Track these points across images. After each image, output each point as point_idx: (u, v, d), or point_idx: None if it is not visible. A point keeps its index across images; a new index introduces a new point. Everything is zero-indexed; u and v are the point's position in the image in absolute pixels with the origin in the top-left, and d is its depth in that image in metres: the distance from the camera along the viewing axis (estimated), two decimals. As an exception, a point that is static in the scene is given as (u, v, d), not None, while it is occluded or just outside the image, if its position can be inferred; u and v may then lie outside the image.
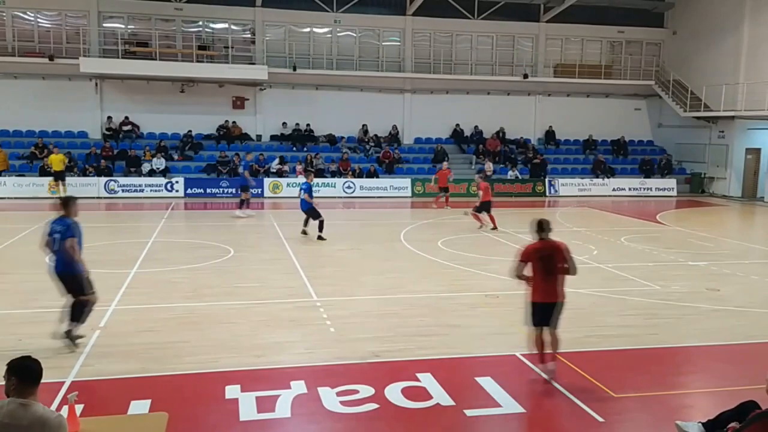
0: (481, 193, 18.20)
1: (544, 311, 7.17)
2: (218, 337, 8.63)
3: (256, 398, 6.59)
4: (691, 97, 29.25)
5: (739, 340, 8.94)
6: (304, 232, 16.68)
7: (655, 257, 14.67)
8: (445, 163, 25.17)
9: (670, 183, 29.70)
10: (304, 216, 16.71)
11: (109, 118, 27.52)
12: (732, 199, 28.22)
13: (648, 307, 10.53)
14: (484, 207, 18.17)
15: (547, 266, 7.15)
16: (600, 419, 6.29)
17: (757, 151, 28.20)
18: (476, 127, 30.90)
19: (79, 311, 8.04)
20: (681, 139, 31.44)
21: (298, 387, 6.89)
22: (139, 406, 6.34)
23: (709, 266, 13.98)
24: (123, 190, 25.00)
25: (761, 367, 5.01)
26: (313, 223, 16.38)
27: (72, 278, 7.99)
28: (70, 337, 8.00)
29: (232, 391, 6.77)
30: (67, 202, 8.15)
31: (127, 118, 27.69)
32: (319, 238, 16.02)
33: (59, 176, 23.48)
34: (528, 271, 7.28)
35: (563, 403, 6.70)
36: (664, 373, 7.71)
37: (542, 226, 7.44)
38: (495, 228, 17.95)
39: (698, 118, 29.47)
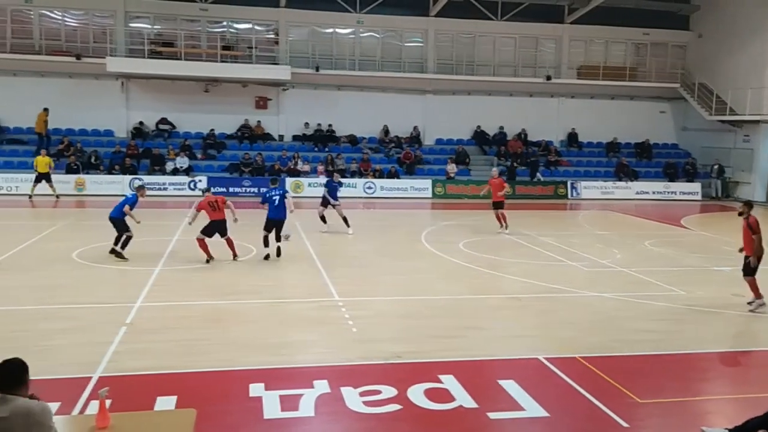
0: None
1: None
2: (242, 335, 8.71)
3: (279, 397, 6.65)
4: (717, 101, 28.88)
5: (764, 346, 8.82)
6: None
7: (679, 262, 14.52)
8: (495, 169, 20.40)
9: (695, 187, 29.33)
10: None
11: (141, 123, 27.90)
12: (757, 204, 27.74)
13: (672, 312, 10.43)
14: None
15: None
16: (624, 424, 6.25)
17: (784, 155, 27.77)
18: (501, 128, 30.75)
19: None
20: (706, 143, 31.03)
21: (321, 386, 6.93)
22: (165, 402, 6.42)
23: (734, 271, 13.74)
24: (147, 188, 25.19)
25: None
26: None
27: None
28: (119, 254, 12.89)
29: (256, 389, 6.83)
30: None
31: (165, 118, 28.08)
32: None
33: (45, 178, 22.75)
34: None
35: (587, 407, 6.66)
36: (688, 379, 7.64)
37: None
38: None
39: (723, 121, 29.07)
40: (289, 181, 26.38)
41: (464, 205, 23.44)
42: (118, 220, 13.17)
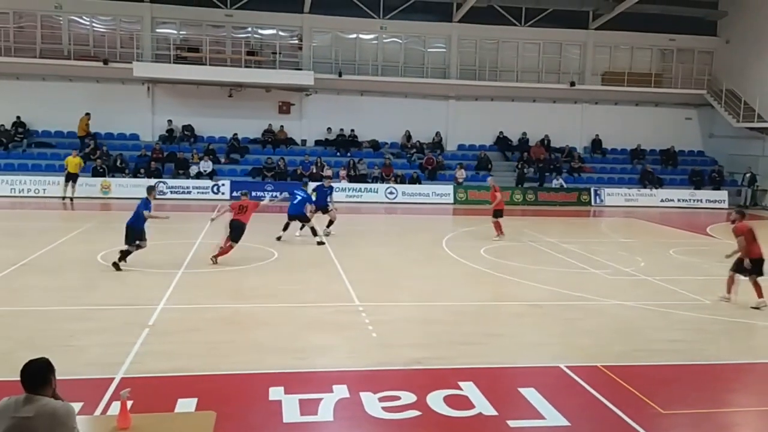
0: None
1: None
2: (262, 339, 8.75)
3: (299, 401, 6.66)
4: (744, 107, 28.43)
5: (793, 359, 8.64)
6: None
7: (704, 271, 14.30)
8: (489, 179, 20.69)
9: (722, 195, 28.89)
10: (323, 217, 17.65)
11: (169, 121, 28.29)
12: (786, 213, 27.29)
13: (697, 322, 10.27)
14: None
15: None
16: (646, 435, 6.16)
17: (814, 163, 27.27)
18: (524, 134, 30.60)
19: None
20: (733, 150, 30.56)
21: (341, 391, 6.93)
22: (186, 404, 6.47)
23: (763, 281, 13.51)
24: (171, 192, 25.53)
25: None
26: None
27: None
28: (116, 263, 12.32)
29: (275, 392, 6.85)
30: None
31: (189, 125, 28.49)
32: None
33: (73, 179, 23.37)
34: None
35: (609, 417, 6.58)
36: (714, 390, 7.51)
37: None
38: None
39: (751, 128, 28.62)
40: (312, 186, 26.44)
41: (486, 211, 23.27)
42: (136, 228, 12.58)
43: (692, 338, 9.44)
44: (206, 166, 26.65)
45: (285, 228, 16.68)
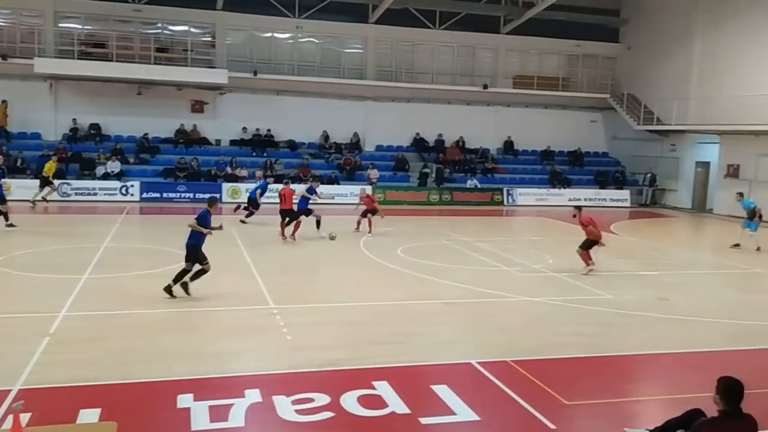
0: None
1: None
2: (171, 345, 8.49)
3: (209, 407, 6.49)
4: (644, 111, 30.03)
5: (687, 349, 9.18)
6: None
7: (608, 267, 14.96)
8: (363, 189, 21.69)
9: (624, 194, 30.41)
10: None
11: (74, 119, 27.00)
12: (683, 211, 29.04)
13: (601, 316, 10.75)
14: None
15: None
16: (552, 426, 6.38)
17: (707, 164, 29.10)
18: (440, 135, 31.15)
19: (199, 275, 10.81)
20: (635, 152, 32.23)
21: (253, 396, 6.81)
22: (89, 415, 6.19)
23: (660, 276, 14.35)
24: (76, 194, 24.39)
25: (709, 375, 5.15)
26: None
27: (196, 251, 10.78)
28: (179, 288, 10.67)
29: (184, 400, 6.66)
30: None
31: (96, 124, 27.28)
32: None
33: (48, 182, 22.78)
34: None
35: (517, 410, 6.78)
36: (615, 381, 7.88)
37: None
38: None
39: (651, 131, 30.26)
40: (226, 187, 25.98)
41: (404, 211, 23.59)
42: (196, 247, 10.85)
43: (596, 332, 9.88)
44: (114, 166, 25.61)
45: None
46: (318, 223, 17.82)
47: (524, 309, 11.09)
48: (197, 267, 10.80)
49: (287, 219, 17.51)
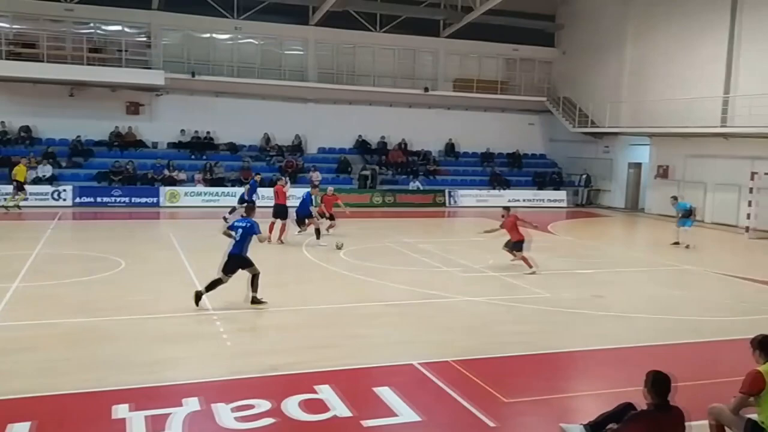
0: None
1: None
2: (107, 354, 8.23)
3: (145, 417, 6.33)
4: (579, 114, 30.93)
5: (621, 344, 9.48)
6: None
7: (546, 266, 15.31)
8: (330, 187, 21.25)
9: (561, 195, 31.21)
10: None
11: (2, 122, 26.01)
12: (616, 210, 30.02)
13: (539, 314, 11.00)
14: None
15: None
16: (491, 424, 6.49)
17: (639, 165, 30.18)
18: (383, 137, 31.27)
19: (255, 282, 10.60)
20: (571, 153, 33.13)
21: (192, 404, 6.67)
22: (19, 429, 5.97)
23: (595, 274, 14.80)
24: (4, 199, 23.39)
25: (642, 369, 5.33)
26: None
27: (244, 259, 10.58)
28: (257, 301, 10.53)
29: (120, 410, 6.47)
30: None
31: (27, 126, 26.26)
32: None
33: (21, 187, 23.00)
34: None
35: (458, 409, 6.86)
36: (553, 378, 8.07)
37: None
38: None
39: (586, 133, 31.17)
40: (164, 190, 25.39)
41: (347, 214, 23.51)
42: (240, 257, 10.59)
43: (535, 330, 10.10)
44: (45, 170, 24.66)
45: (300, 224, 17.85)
46: (318, 232, 17.45)
47: (465, 309, 11.24)
48: (249, 274, 10.63)
49: (278, 219, 17.48)
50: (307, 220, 17.81)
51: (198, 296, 10.36)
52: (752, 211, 21.86)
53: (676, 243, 19.06)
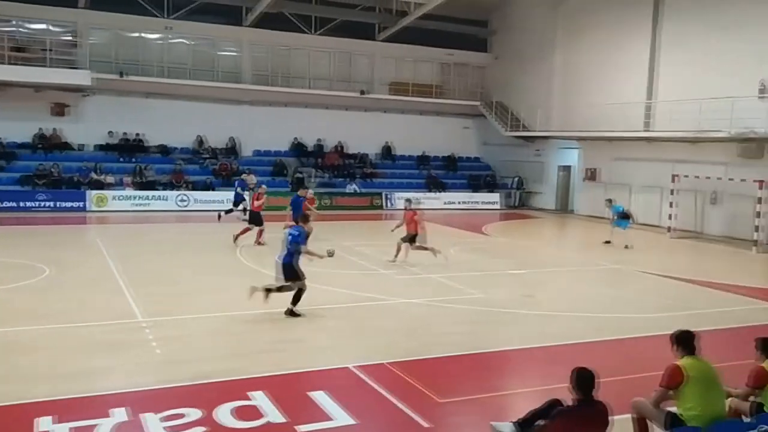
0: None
1: None
2: (29, 365, 7.89)
3: (70, 429, 6.10)
4: (512, 118, 31.64)
5: (550, 342, 9.73)
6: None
7: (480, 266, 15.62)
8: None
9: (495, 197, 31.84)
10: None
11: None
12: (548, 212, 30.85)
13: (473, 314, 11.18)
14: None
15: None
16: (425, 425, 6.55)
17: (569, 168, 31.10)
18: (320, 140, 31.14)
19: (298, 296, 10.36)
20: (504, 157, 33.85)
21: (119, 415, 6.46)
22: (-71, 450, 5.63)
23: (528, 274, 15.16)
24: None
25: (569, 366, 5.49)
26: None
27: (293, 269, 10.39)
28: (294, 313, 10.33)
29: (43, 422, 6.21)
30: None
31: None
32: None
33: None
34: None
35: (392, 411, 6.89)
36: (486, 377, 8.21)
37: None
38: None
39: (518, 137, 31.90)
40: (91, 194, 24.52)
41: (282, 217, 23.23)
42: (289, 267, 10.40)
43: (469, 330, 10.25)
44: (-37, 173, 23.46)
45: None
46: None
47: (402, 311, 11.31)
48: (296, 286, 10.40)
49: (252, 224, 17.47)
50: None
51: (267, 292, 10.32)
52: (673, 212, 22.88)
53: (608, 242, 19.79)
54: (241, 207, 22.02)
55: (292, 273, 10.40)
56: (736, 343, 9.33)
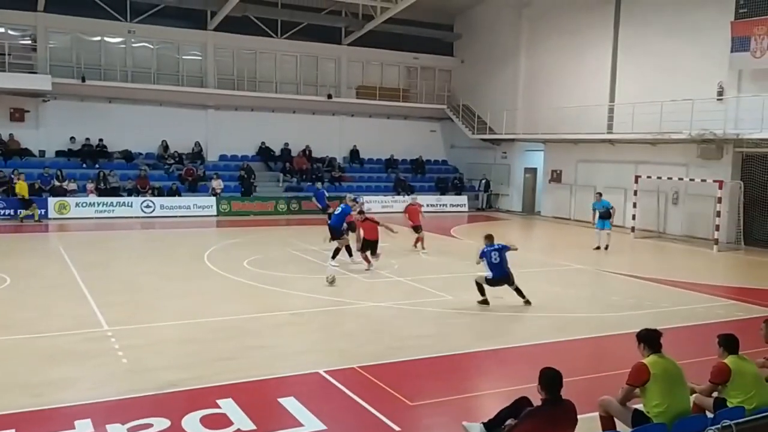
0: None
1: None
2: (-12, 378, 7.67)
3: (33, 443, 5.96)
4: (478, 121, 31.91)
5: (518, 343, 9.84)
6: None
7: (449, 269, 15.69)
8: (415, 195, 21.19)
9: (462, 199, 32.05)
10: None
11: None
12: (514, 214, 31.15)
13: (442, 317, 11.22)
14: None
15: None
16: (396, 428, 6.55)
17: (534, 170, 31.47)
18: (287, 144, 30.99)
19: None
20: (471, 159, 34.11)
21: (84, 426, 6.33)
22: None
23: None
24: None
25: (537, 365, 5.55)
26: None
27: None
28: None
29: (3, 438, 6.06)
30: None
31: None
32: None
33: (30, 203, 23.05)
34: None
35: (363, 415, 6.88)
36: (455, 378, 8.25)
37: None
38: None
39: (484, 140, 32.18)
40: (53, 201, 23.99)
41: (250, 222, 23.13)
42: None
43: (438, 332, 10.29)
44: None
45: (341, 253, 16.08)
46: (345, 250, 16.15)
47: (370, 314, 11.31)
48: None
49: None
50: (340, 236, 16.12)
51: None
52: (636, 213, 23.32)
53: (597, 248, 19.53)
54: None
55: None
56: (699, 340, 9.56)
